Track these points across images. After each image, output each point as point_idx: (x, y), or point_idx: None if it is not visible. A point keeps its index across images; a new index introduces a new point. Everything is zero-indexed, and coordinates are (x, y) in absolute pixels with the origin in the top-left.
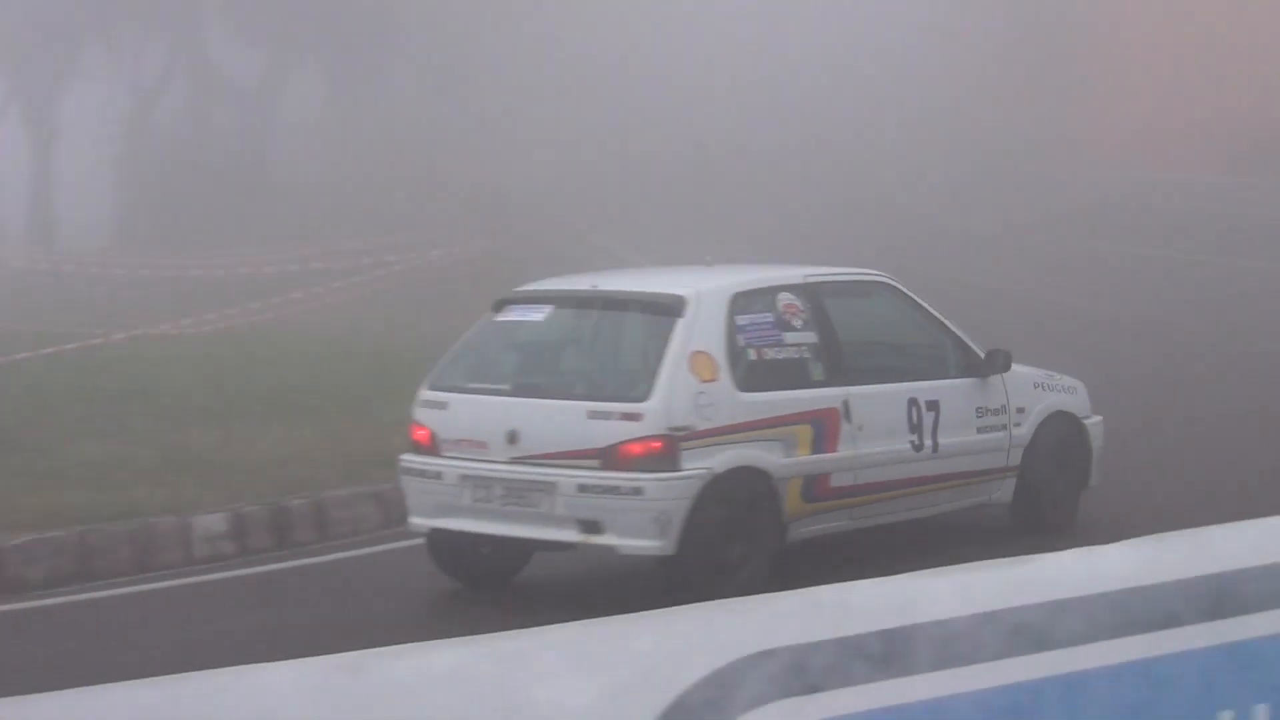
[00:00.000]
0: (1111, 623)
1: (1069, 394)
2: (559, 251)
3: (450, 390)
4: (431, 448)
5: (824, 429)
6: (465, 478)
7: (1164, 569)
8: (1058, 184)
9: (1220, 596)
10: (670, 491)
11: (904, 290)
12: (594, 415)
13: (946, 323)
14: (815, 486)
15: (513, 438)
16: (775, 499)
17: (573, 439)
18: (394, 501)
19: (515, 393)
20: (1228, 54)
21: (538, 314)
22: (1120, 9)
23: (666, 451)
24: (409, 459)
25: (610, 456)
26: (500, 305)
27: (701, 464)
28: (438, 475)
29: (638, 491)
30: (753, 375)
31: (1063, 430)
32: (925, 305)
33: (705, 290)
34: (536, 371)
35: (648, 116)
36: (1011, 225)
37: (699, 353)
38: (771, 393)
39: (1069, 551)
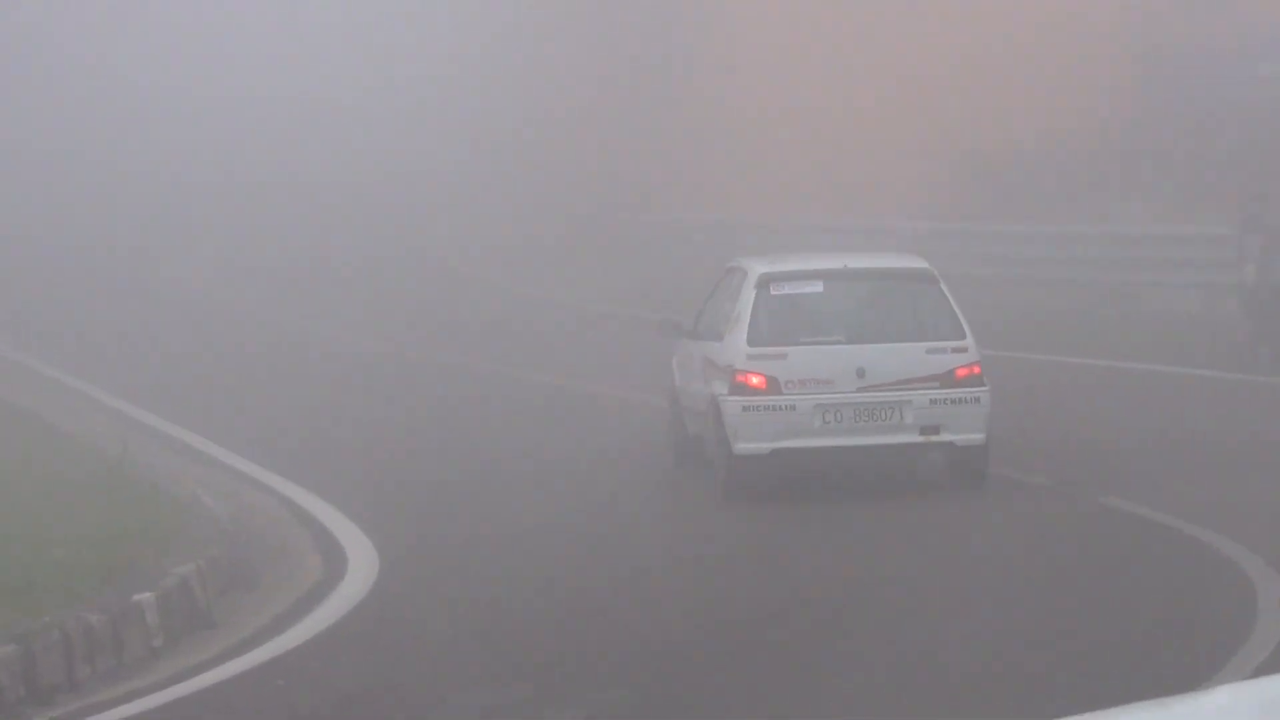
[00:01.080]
0: None
1: None
2: None
3: (781, 344)
4: (771, 388)
5: None
6: (818, 406)
7: None
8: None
9: None
10: (990, 399)
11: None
12: (931, 351)
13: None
14: None
15: (861, 373)
16: None
17: (915, 369)
18: None
19: (851, 340)
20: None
21: (815, 286)
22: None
23: (981, 372)
24: (748, 399)
25: (948, 379)
26: (766, 282)
27: (987, 381)
28: (791, 407)
29: (976, 400)
30: None
31: None
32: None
33: (928, 264)
34: (857, 324)
35: None
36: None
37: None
38: None
39: None
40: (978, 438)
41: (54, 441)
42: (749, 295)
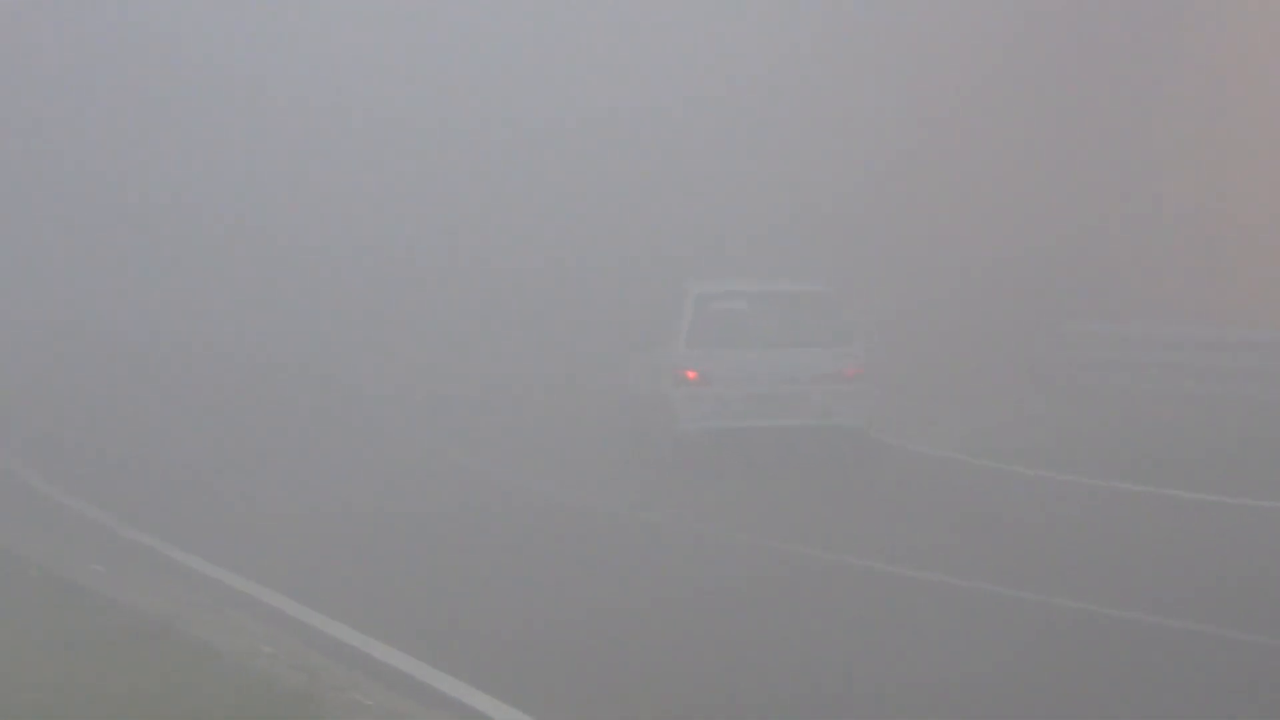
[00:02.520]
0: None
1: None
2: None
3: (711, 345)
4: (706, 381)
5: None
6: (742, 395)
7: None
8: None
9: None
10: (874, 391)
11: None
12: (828, 355)
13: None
14: None
15: (774, 370)
16: None
17: (817, 368)
18: None
19: (768, 345)
20: None
21: (741, 302)
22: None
23: (867, 372)
24: (688, 388)
25: (840, 377)
26: (702, 299)
27: (870, 379)
28: (721, 396)
29: (864, 394)
30: None
31: None
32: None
33: (828, 287)
34: (772, 333)
35: None
36: None
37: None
38: None
39: None
40: (860, 423)
41: (200, 662)
42: (689, 308)
